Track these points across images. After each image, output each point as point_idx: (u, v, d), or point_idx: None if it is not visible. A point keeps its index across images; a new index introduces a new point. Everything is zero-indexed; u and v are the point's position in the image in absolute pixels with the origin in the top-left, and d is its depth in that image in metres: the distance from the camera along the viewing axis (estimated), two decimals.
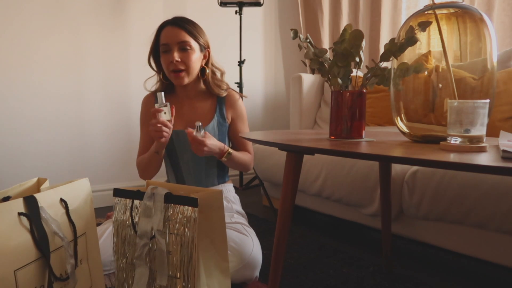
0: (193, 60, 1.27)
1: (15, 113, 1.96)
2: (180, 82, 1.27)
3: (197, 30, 1.30)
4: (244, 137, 1.03)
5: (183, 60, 1.25)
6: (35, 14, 1.96)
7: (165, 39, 1.26)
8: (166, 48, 1.26)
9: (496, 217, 1.16)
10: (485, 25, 0.82)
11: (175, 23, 1.27)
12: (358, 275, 1.26)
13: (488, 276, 1.28)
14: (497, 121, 1.42)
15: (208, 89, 1.36)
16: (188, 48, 1.26)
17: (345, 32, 0.93)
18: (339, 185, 1.61)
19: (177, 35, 1.25)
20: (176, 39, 1.25)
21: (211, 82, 1.34)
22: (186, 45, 1.25)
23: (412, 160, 0.63)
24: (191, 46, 1.26)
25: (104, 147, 2.22)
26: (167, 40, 1.25)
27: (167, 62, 1.26)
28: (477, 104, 0.71)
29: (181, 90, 1.35)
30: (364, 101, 0.94)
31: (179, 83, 1.28)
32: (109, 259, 1.15)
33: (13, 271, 0.69)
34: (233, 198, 1.40)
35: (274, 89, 2.91)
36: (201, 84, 1.37)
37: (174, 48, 1.25)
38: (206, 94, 1.37)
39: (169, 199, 0.84)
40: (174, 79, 1.28)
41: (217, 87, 1.34)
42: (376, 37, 2.41)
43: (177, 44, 1.25)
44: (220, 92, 1.34)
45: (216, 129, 1.33)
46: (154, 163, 1.29)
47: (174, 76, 1.27)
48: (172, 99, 1.37)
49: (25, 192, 0.86)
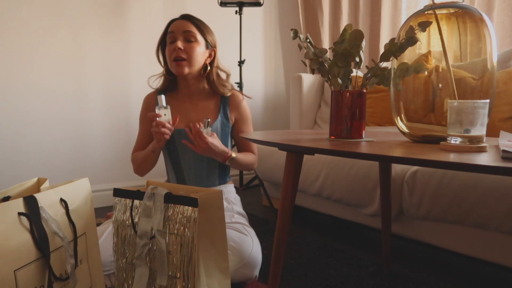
0: (196, 52, 1.28)
1: (15, 113, 1.96)
2: (180, 70, 1.27)
3: (205, 26, 1.33)
4: (244, 137, 1.03)
5: (186, 49, 1.26)
6: (35, 14, 1.96)
7: (171, 28, 1.29)
8: (172, 37, 1.28)
9: (496, 217, 1.16)
10: (485, 25, 0.82)
11: (184, 16, 1.31)
12: (358, 275, 1.26)
13: (488, 276, 1.28)
14: (497, 121, 1.42)
15: (212, 89, 1.36)
16: (193, 40, 1.28)
17: (345, 32, 0.93)
18: (339, 185, 1.61)
19: (184, 25, 1.28)
20: (182, 28, 1.27)
21: (216, 82, 1.34)
22: (191, 36, 1.27)
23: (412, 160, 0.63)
24: (196, 38, 1.28)
25: (104, 147, 2.22)
26: (173, 29, 1.28)
27: (170, 51, 1.27)
28: (477, 104, 0.71)
29: (184, 86, 1.35)
30: (364, 101, 0.94)
31: (179, 72, 1.28)
32: (109, 259, 1.15)
33: (13, 271, 0.69)
34: (233, 199, 1.40)
35: (274, 89, 2.91)
36: (204, 83, 1.37)
37: (179, 38, 1.27)
38: (209, 94, 1.37)
39: (169, 199, 0.84)
40: (175, 67, 1.28)
41: (222, 87, 1.35)
42: (376, 37, 2.41)
43: (182, 34, 1.27)
44: (224, 92, 1.34)
45: (219, 129, 1.33)
46: (149, 161, 1.31)
47: (175, 65, 1.27)
48: (174, 96, 1.37)
49: (25, 192, 0.86)
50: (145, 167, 1.34)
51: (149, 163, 1.32)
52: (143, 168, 1.34)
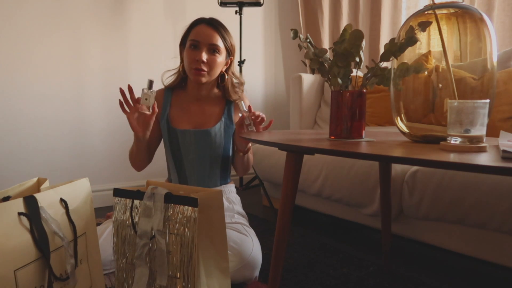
0: (217, 64, 1.27)
1: (15, 113, 1.96)
2: (198, 79, 1.26)
3: (228, 35, 1.30)
4: (244, 137, 1.03)
5: (209, 62, 1.25)
6: (35, 15, 1.96)
7: (197, 36, 1.25)
8: (196, 44, 1.25)
9: (496, 217, 1.16)
10: (485, 25, 0.82)
11: (211, 23, 1.27)
12: (358, 275, 1.26)
13: (488, 276, 1.28)
14: (497, 121, 1.42)
15: (223, 95, 1.36)
16: (217, 52, 1.26)
17: (345, 32, 0.93)
18: (339, 185, 1.61)
19: (211, 36, 1.25)
20: (209, 40, 1.24)
21: (230, 89, 1.34)
22: (216, 48, 1.25)
23: (412, 160, 0.63)
24: (220, 50, 1.26)
25: (104, 147, 2.22)
26: (199, 38, 1.24)
27: (192, 58, 1.25)
28: (477, 104, 0.71)
29: (194, 89, 1.34)
30: (364, 101, 0.94)
31: (197, 81, 1.27)
32: (109, 259, 1.15)
33: (13, 271, 0.69)
34: (234, 199, 1.40)
35: (274, 89, 2.91)
36: (215, 88, 1.37)
37: (204, 48, 1.24)
38: (217, 99, 1.37)
39: (169, 199, 0.84)
40: (193, 75, 1.26)
41: (234, 94, 1.35)
42: (376, 37, 2.41)
43: (208, 45, 1.24)
44: (235, 98, 1.35)
45: (222, 130, 1.33)
46: (141, 151, 1.28)
47: (194, 73, 1.25)
48: (182, 96, 1.37)
49: (25, 192, 0.86)
50: (139, 158, 1.31)
51: (140, 153, 1.28)
52: (136, 160, 1.32)
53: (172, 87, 1.39)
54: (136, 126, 1.18)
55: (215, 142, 1.32)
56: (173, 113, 1.35)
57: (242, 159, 1.32)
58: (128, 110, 1.16)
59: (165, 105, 1.36)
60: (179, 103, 1.36)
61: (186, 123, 1.33)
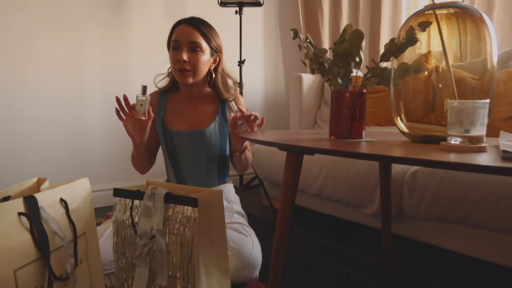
0: (201, 62, 1.25)
1: (15, 113, 1.96)
2: (184, 81, 1.26)
3: (211, 32, 1.28)
4: (244, 137, 1.03)
5: (191, 61, 1.24)
6: (35, 15, 1.96)
7: (177, 36, 1.25)
8: (177, 44, 1.24)
9: (496, 217, 1.16)
10: (485, 25, 0.82)
11: (190, 22, 1.26)
12: (358, 275, 1.26)
13: (488, 276, 1.28)
14: (497, 121, 1.42)
15: (215, 93, 1.36)
16: (199, 50, 1.24)
17: (345, 32, 0.93)
18: (339, 185, 1.61)
19: (190, 35, 1.24)
20: (188, 39, 1.23)
21: (221, 88, 1.33)
22: (197, 46, 1.24)
23: (412, 160, 0.63)
24: (202, 48, 1.25)
25: (104, 147, 2.22)
26: (178, 37, 1.24)
27: (174, 59, 1.25)
28: (477, 104, 0.71)
29: (186, 90, 1.35)
30: (364, 101, 0.94)
31: (183, 82, 1.27)
32: (109, 259, 1.15)
33: (13, 271, 0.69)
34: (233, 198, 1.40)
35: (274, 89, 2.91)
36: (207, 87, 1.36)
37: (184, 48, 1.23)
38: (211, 98, 1.37)
39: (169, 199, 0.84)
40: (179, 77, 1.27)
41: (227, 92, 1.34)
42: (376, 37, 2.41)
43: (188, 44, 1.24)
44: (228, 97, 1.34)
45: (217, 130, 1.33)
46: (141, 155, 1.29)
47: (179, 75, 1.26)
48: (176, 98, 1.37)
49: (25, 192, 0.86)
50: (140, 163, 1.32)
51: (141, 156, 1.29)
52: (139, 164, 1.33)
53: (166, 90, 1.39)
54: (133, 132, 1.19)
55: (210, 142, 1.32)
56: (168, 115, 1.35)
57: (239, 158, 1.32)
58: (124, 117, 1.17)
59: (160, 108, 1.36)
60: (173, 105, 1.36)
61: (180, 124, 1.33)
